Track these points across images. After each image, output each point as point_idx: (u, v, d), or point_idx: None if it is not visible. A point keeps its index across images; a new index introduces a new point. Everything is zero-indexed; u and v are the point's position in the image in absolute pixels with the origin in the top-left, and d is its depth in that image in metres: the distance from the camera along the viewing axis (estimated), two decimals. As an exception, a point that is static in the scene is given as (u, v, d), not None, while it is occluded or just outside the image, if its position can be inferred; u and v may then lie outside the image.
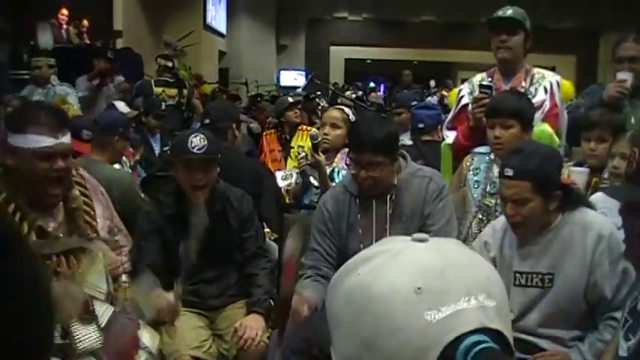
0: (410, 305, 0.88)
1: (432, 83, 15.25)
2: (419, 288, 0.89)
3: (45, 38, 7.35)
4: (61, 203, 2.62)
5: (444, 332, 0.87)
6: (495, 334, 0.90)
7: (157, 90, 7.35)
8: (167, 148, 4.72)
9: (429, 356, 0.87)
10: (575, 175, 3.06)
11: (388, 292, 0.90)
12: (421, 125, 5.13)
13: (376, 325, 0.90)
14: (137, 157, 4.73)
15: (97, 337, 2.63)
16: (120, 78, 7.74)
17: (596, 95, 3.74)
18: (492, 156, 3.20)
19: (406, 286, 0.89)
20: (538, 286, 2.55)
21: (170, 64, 7.73)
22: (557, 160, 2.58)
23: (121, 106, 5.59)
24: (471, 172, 3.26)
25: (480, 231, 3.08)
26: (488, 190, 3.17)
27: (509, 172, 2.46)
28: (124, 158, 4.37)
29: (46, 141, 2.44)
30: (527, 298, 2.57)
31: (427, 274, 0.91)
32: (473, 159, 3.29)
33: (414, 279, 0.90)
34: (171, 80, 7.53)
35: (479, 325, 0.88)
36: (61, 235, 2.58)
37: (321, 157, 3.82)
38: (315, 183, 3.90)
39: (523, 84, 3.52)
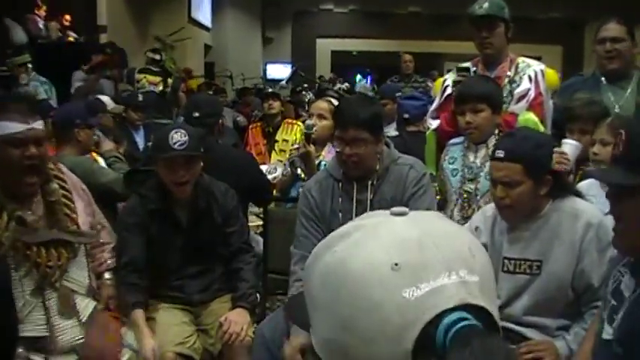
0: (387, 283, 0.85)
1: (435, 73, 13.88)
2: (396, 264, 0.85)
3: (18, 34, 7.33)
4: (40, 197, 2.59)
5: (423, 310, 0.83)
6: (479, 311, 0.86)
7: (139, 76, 7.34)
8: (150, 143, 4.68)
9: (409, 335, 0.83)
10: (566, 146, 3.03)
11: (364, 269, 0.87)
12: (406, 116, 5.10)
13: (353, 304, 0.86)
14: (120, 151, 4.66)
15: (78, 332, 2.61)
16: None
17: (569, 91, 3.72)
18: (466, 143, 3.22)
19: (383, 263, 0.86)
20: (526, 273, 2.54)
21: (158, 56, 7.71)
22: (549, 146, 2.58)
23: (107, 100, 5.55)
24: (447, 162, 3.27)
25: (463, 218, 3.10)
26: (466, 176, 3.17)
27: (501, 154, 2.45)
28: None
29: (15, 127, 2.43)
30: (514, 284, 2.56)
31: (405, 249, 0.87)
32: (448, 149, 3.31)
33: (391, 255, 0.86)
34: (155, 69, 7.52)
35: (460, 301, 0.84)
36: (41, 227, 2.55)
37: (312, 149, 3.82)
38: (302, 175, 3.87)
39: (508, 73, 3.52)
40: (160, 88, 7.36)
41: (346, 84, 12.15)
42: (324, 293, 0.90)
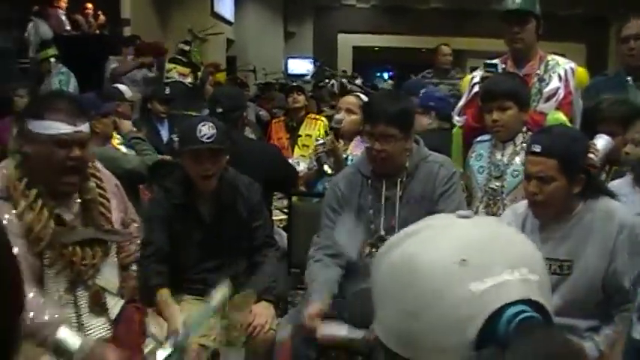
0: (455, 276, 0.90)
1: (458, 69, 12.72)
2: (463, 260, 0.90)
3: (43, 29, 7.42)
4: (76, 194, 2.60)
5: (487, 302, 0.88)
6: (538, 308, 0.90)
7: (169, 66, 7.35)
8: (175, 135, 4.67)
9: (473, 326, 0.88)
10: (598, 139, 2.99)
11: (433, 263, 0.92)
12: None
13: (421, 295, 0.91)
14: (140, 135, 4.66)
15: (107, 329, 2.62)
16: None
17: (593, 91, 3.67)
18: (493, 141, 3.20)
19: (450, 259, 0.91)
20: (556, 273, 2.51)
21: (187, 47, 7.73)
22: (584, 144, 2.55)
23: (124, 89, 5.58)
24: (474, 159, 3.25)
25: (488, 215, 3.07)
26: (492, 173, 3.15)
27: (537, 149, 2.43)
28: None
29: (63, 128, 2.43)
30: None
31: (471, 247, 0.92)
32: (475, 147, 3.30)
33: (458, 251, 0.91)
34: (185, 61, 7.53)
35: (522, 296, 0.89)
36: (78, 225, 2.57)
37: (340, 144, 3.81)
38: (329, 171, 3.87)
39: (537, 71, 3.49)
40: (189, 80, 7.37)
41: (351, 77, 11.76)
42: (393, 285, 0.95)
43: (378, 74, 18.58)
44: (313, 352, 2.91)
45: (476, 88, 3.55)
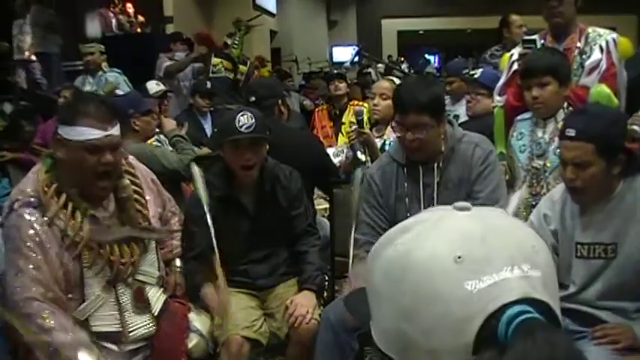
0: (450, 274, 0.85)
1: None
2: (459, 257, 0.85)
3: (93, 27, 7.50)
4: (111, 194, 2.61)
5: (485, 302, 0.83)
6: (541, 306, 0.85)
7: (215, 60, 7.35)
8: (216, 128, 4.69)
9: (471, 327, 0.83)
10: None
11: (427, 261, 0.87)
12: None
13: (415, 295, 0.86)
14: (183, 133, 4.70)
15: (151, 325, 2.64)
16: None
17: (637, 62, 3.54)
18: (534, 119, 3.12)
19: (446, 255, 0.86)
20: (601, 257, 2.42)
21: (229, 41, 7.72)
22: (622, 123, 2.44)
23: (149, 85, 5.61)
24: (515, 138, 3.17)
25: (532, 195, 3.00)
26: (534, 152, 3.06)
27: (572, 133, 2.31)
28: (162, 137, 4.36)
29: (94, 133, 2.43)
30: (589, 269, 2.44)
31: (468, 242, 0.87)
32: (516, 125, 3.21)
33: (454, 247, 0.86)
34: (228, 54, 7.54)
35: (523, 294, 0.83)
36: (114, 224, 2.58)
37: (367, 132, 3.75)
38: (362, 158, 3.83)
39: (578, 44, 3.39)
40: (232, 74, 7.36)
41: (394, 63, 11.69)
42: (387, 284, 0.91)
43: (423, 58, 18.36)
44: (357, 342, 2.88)
45: (515, 66, 3.47)
